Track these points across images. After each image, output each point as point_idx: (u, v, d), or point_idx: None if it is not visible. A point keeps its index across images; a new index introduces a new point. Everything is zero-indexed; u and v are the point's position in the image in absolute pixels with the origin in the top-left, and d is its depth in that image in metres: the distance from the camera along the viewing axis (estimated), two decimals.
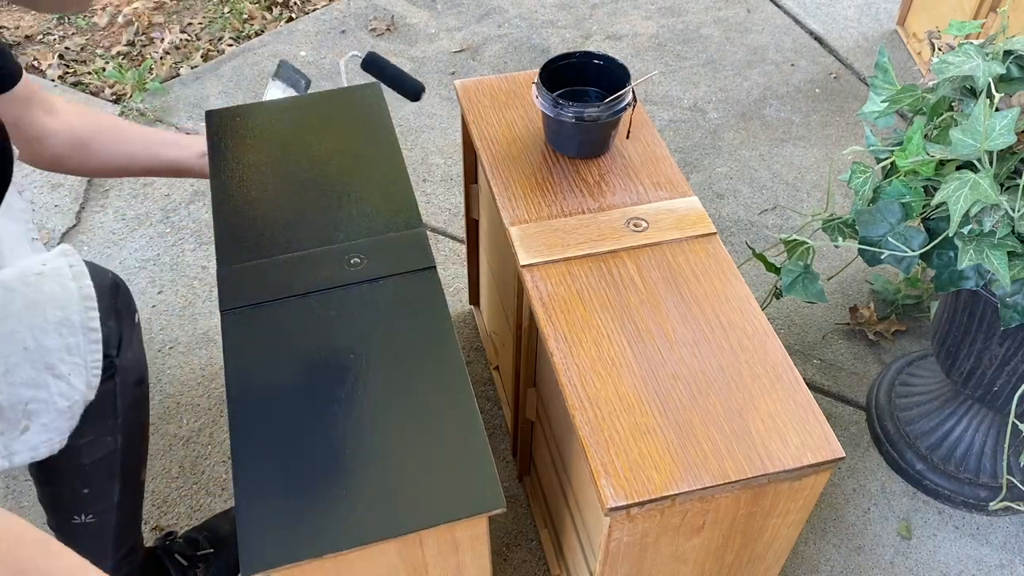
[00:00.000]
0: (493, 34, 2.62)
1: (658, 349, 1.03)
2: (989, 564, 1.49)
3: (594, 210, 1.20)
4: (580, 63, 1.28)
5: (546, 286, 1.10)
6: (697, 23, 2.66)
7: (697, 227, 1.17)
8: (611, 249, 1.14)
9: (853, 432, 1.67)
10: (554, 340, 1.04)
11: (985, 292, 1.22)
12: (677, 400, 0.98)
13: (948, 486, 1.55)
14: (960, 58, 1.14)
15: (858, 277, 1.94)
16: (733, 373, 1.01)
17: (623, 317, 1.07)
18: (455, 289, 1.90)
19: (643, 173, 1.26)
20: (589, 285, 1.10)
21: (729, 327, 1.06)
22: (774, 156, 2.22)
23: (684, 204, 1.21)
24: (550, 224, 1.18)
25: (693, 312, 1.07)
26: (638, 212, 1.20)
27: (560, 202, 1.21)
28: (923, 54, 2.41)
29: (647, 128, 1.33)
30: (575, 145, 1.27)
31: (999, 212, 1.09)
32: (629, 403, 0.98)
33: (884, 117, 1.28)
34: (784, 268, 1.33)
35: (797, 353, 1.79)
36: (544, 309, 1.08)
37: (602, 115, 1.21)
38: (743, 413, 0.97)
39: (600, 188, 1.23)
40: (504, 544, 1.51)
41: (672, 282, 1.11)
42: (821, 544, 1.51)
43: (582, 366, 1.02)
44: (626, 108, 1.23)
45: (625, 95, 1.22)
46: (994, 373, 1.33)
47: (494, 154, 1.28)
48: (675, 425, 0.96)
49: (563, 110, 1.20)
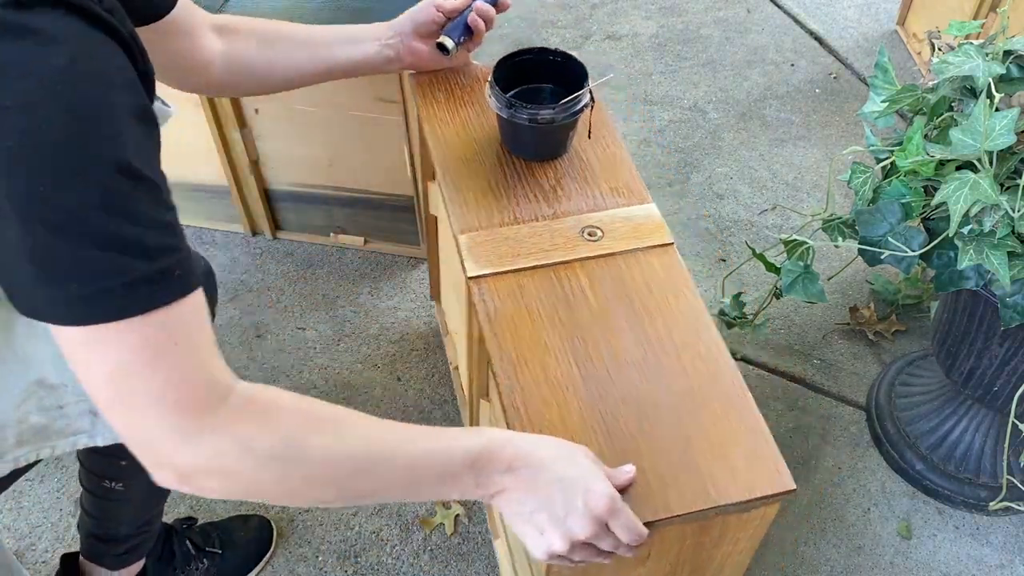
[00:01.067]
0: (493, 34, 2.61)
1: (607, 370, 0.98)
2: (989, 564, 1.49)
3: (548, 217, 1.14)
4: (537, 60, 1.22)
5: (493, 301, 1.05)
6: (697, 23, 2.66)
7: (654, 237, 1.12)
8: (563, 260, 1.09)
9: (853, 432, 1.67)
10: (499, 360, 0.99)
11: (985, 292, 1.22)
12: (624, 426, 0.93)
13: (948, 486, 1.55)
14: (960, 58, 1.14)
15: (858, 277, 1.94)
16: (683, 397, 0.96)
17: (573, 335, 1.01)
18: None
19: (602, 178, 1.20)
20: (539, 299, 1.05)
21: (682, 346, 1.01)
22: (774, 156, 2.22)
23: (642, 212, 1.15)
24: (501, 232, 1.12)
25: (645, 330, 1.02)
26: (593, 220, 1.14)
27: (513, 208, 1.15)
28: (923, 54, 2.41)
29: (607, 129, 1.27)
30: (531, 148, 1.21)
31: (999, 212, 1.09)
32: (574, 429, 0.93)
33: (884, 117, 1.28)
34: (784, 268, 1.33)
35: (797, 353, 1.79)
36: (491, 326, 1.02)
37: (557, 117, 1.14)
38: (691, 441, 0.92)
39: (556, 193, 1.17)
40: None
41: (625, 297, 1.05)
42: (821, 544, 1.51)
43: (527, 389, 0.96)
44: (584, 109, 1.16)
45: (583, 95, 1.16)
46: (994, 373, 1.33)
47: (446, 155, 1.22)
48: (620, 453, 0.91)
49: (517, 112, 1.13)
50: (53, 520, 1.53)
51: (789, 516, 1.54)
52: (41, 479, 1.58)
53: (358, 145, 1.77)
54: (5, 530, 1.52)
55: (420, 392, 1.73)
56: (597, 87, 1.19)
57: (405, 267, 1.96)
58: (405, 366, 1.77)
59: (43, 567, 1.47)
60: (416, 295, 1.90)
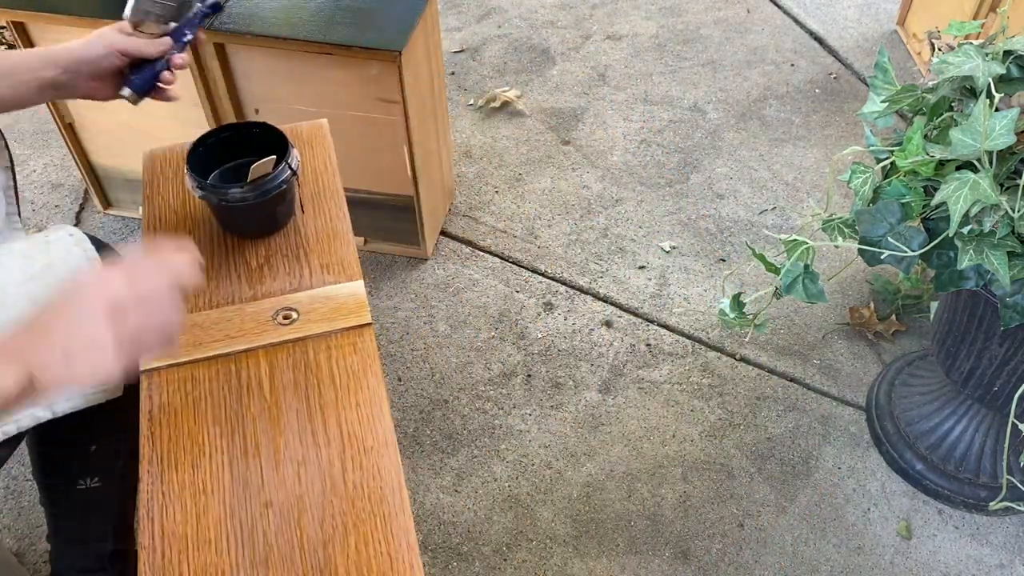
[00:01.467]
0: (493, 34, 2.62)
1: (261, 470, 0.93)
2: (989, 564, 1.49)
3: (247, 299, 1.07)
4: (240, 136, 1.12)
5: (160, 396, 0.98)
6: (697, 23, 2.66)
7: (351, 318, 1.05)
8: (247, 347, 1.02)
9: (853, 432, 1.67)
10: (148, 462, 0.93)
11: (985, 292, 1.22)
12: (261, 533, 0.88)
13: (948, 486, 1.55)
14: (960, 58, 1.14)
15: (858, 277, 1.94)
16: (335, 495, 0.91)
17: (235, 431, 0.95)
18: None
19: (315, 253, 1.12)
20: (210, 392, 0.98)
21: (348, 439, 0.96)
22: (774, 156, 2.22)
23: (347, 290, 1.08)
24: (190, 318, 1.04)
25: (315, 422, 0.97)
26: (292, 301, 1.06)
27: (212, 291, 1.07)
28: (923, 54, 2.41)
29: (335, 200, 1.18)
30: (236, 226, 1.11)
31: (999, 212, 1.09)
32: (207, 538, 0.88)
33: (884, 117, 1.27)
34: (784, 268, 1.33)
35: (797, 353, 1.79)
36: (149, 424, 0.96)
37: (249, 196, 1.04)
38: (329, 544, 0.87)
39: (261, 273, 1.10)
40: (504, 544, 1.51)
41: (303, 385, 1.00)
42: (821, 544, 1.51)
43: (169, 494, 0.91)
44: (283, 185, 1.06)
45: (281, 172, 1.06)
46: (994, 373, 1.33)
47: (157, 235, 1.14)
48: (248, 565, 0.86)
49: (209, 193, 1.05)
50: None
51: (789, 516, 1.54)
52: None
53: (358, 145, 1.77)
54: (5, 530, 1.52)
55: (420, 392, 1.73)
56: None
57: (405, 267, 1.96)
58: (405, 366, 1.77)
59: (43, 567, 1.47)
60: (416, 295, 1.90)
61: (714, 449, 1.64)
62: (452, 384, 1.74)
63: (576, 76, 2.47)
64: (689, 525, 1.54)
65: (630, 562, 1.49)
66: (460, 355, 1.79)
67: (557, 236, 2.03)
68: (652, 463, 1.62)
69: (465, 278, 1.94)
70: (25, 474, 1.59)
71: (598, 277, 1.94)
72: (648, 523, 1.54)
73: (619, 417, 1.69)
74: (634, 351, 1.80)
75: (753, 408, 1.71)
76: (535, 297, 1.90)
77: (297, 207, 1.15)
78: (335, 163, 1.21)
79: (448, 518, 1.55)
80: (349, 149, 1.78)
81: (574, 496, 1.58)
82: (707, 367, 1.77)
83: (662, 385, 1.74)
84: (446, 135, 1.99)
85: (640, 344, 1.81)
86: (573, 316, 1.87)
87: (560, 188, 2.15)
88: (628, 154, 2.24)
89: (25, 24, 1.75)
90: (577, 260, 1.98)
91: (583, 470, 1.61)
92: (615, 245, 2.01)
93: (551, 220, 2.07)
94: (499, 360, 1.79)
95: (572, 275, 1.95)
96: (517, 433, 1.67)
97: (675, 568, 1.48)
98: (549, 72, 2.49)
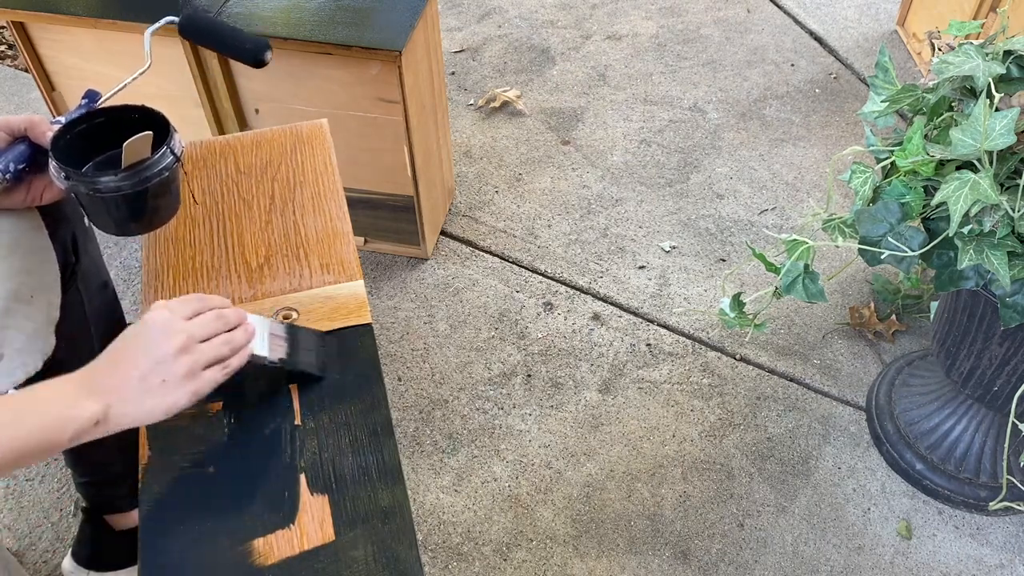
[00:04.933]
0: (493, 34, 2.62)
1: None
2: (989, 564, 1.49)
3: (247, 299, 1.05)
4: (119, 122, 0.98)
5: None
6: (697, 23, 2.66)
7: (351, 318, 1.04)
8: None
9: (853, 432, 1.67)
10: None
11: (985, 292, 1.22)
12: None
13: (948, 486, 1.55)
14: (960, 58, 1.14)
15: (858, 277, 1.94)
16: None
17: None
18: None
19: (315, 253, 1.11)
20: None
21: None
22: (774, 156, 2.22)
23: (347, 290, 1.07)
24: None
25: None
26: (292, 300, 1.05)
27: (213, 291, 1.05)
28: (923, 54, 2.41)
29: (335, 200, 1.17)
30: (110, 221, 0.98)
31: (999, 212, 1.09)
32: None
33: (884, 117, 1.28)
34: (784, 268, 1.33)
35: (797, 353, 1.79)
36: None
37: (124, 185, 0.92)
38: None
39: (261, 273, 1.08)
40: (504, 544, 1.51)
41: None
42: (821, 544, 1.51)
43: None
44: (164, 173, 0.95)
45: (162, 157, 0.95)
46: (994, 373, 1.33)
47: (155, 235, 1.12)
48: None
49: (77, 183, 0.92)
50: (53, 520, 1.53)
51: (789, 516, 1.54)
52: (41, 479, 1.58)
53: (358, 145, 1.77)
54: (5, 530, 1.52)
55: (420, 392, 1.73)
56: (179, 146, 0.98)
57: (405, 267, 1.96)
58: (405, 366, 1.77)
59: (43, 567, 1.47)
60: (416, 295, 1.90)
61: (714, 449, 1.64)
62: (452, 384, 1.74)
63: (576, 76, 2.47)
64: (689, 525, 1.54)
65: (630, 562, 1.49)
66: (460, 355, 1.79)
67: (557, 236, 2.03)
68: (652, 463, 1.63)
69: (465, 278, 1.94)
70: (25, 474, 1.59)
71: (598, 277, 1.94)
72: (648, 523, 1.54)
73: (619, 417, 1.69)
74: (634, 351, 1.80)
75: (753, 408, 1.71)
76: (535, 297, 1.90)
77: (188, 198, 1.07)
78: (335, 163, 1.21)
79: (448, 518, 1.55)
80: (349, 149, 1.78)
81: (574, 496, 1.58)
82: (707, 367, 1.77)
83: (662, 385, 1.74)
84: (446, 135, 1.99)
85: (640, 344, 1.81)
86: (573, 316, 1.87)
87: (560, 188, 2.15)
88: (628, 154, 2.24)
89: (25, 24, 1.75)
90: (577, 260, 1.98)
91: (583, 470, 1.61)
92: (615, 245, 2.01)
93: (551, 220, 2.07)
94: (499, 360, 1.79)
95: (572, 275, 1.95)
96: (517, 433, 1.67)
97: (675, 568, 1.48)
98: (549, 72, 2.49)
